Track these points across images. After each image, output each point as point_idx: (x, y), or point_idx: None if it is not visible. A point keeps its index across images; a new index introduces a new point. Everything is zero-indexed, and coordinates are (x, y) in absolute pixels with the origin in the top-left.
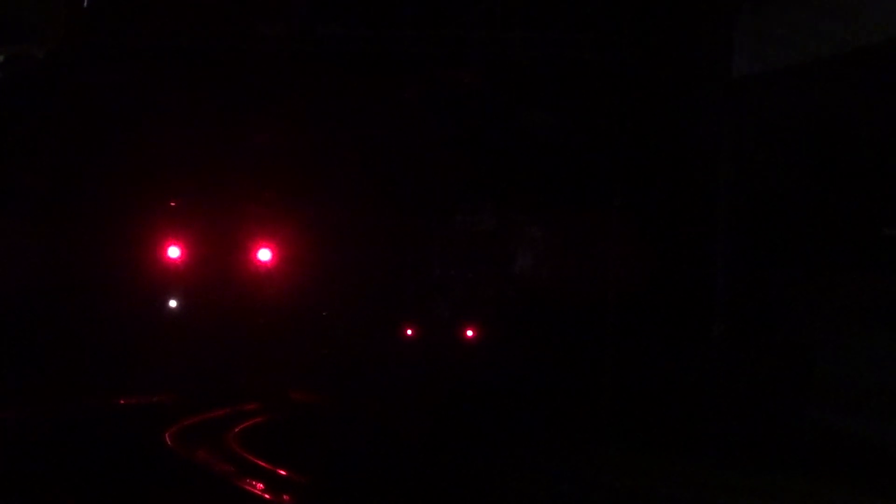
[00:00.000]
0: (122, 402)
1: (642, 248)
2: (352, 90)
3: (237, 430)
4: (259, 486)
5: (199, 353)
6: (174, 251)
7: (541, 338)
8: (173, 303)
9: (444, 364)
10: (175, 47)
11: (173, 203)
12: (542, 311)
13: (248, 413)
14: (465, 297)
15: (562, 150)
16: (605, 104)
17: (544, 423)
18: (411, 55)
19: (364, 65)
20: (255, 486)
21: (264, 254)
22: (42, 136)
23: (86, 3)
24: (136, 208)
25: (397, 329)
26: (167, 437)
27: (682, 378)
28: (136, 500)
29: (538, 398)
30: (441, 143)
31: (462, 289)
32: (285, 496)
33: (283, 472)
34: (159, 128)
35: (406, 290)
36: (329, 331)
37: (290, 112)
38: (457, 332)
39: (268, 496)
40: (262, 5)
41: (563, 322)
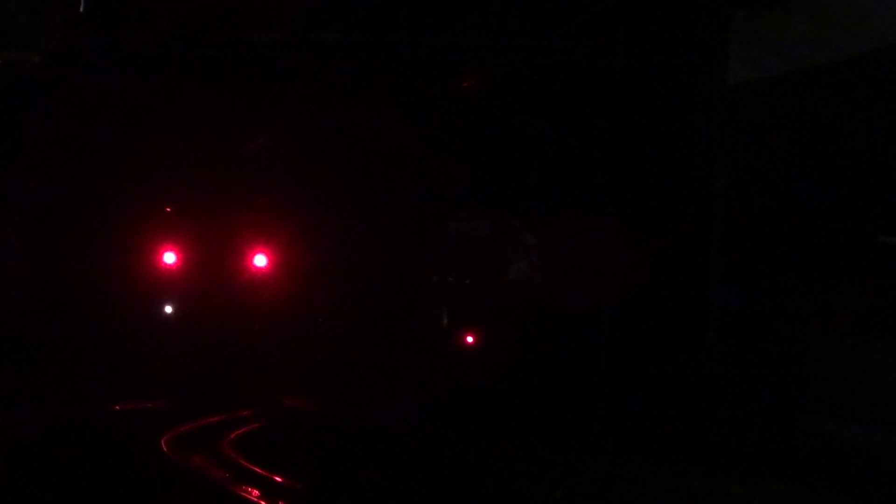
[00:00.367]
0: (116, 407)
1: (637, 255)
2: (347, 96)
3: (233, 436)
4: (255, 493)
5: (194, 358)
6: (170, 257)
7: (536, 344)
8: (169, 308)
9: (440, 370)
10: (170, 53)
11: (169, 209)
12: (537, 318)
13: (244, 419)
14: (464, 303)
15: (557, 156)
16: (600, 111)
17: (539, 429)
18: (406, 61)
19: (359, 71)
20: (250, 493)
21: (260, 259)
22: (37, 142)
23: (82, 9)
24: (131, 214)
25: (394, 335)
26: (162, 443)
27: (677, 384)
28: None
29: (533, 404)
30: (436, 149)
31: (460, 295)
32: (281, 503)
33: (278, 478)
34: (155, 133)
35: (402, 296)
36: (324, 336)
37: (285, 118)
38: (454, 339)
39: (263, 503)
40: (257, 11)
41: (558, 328)
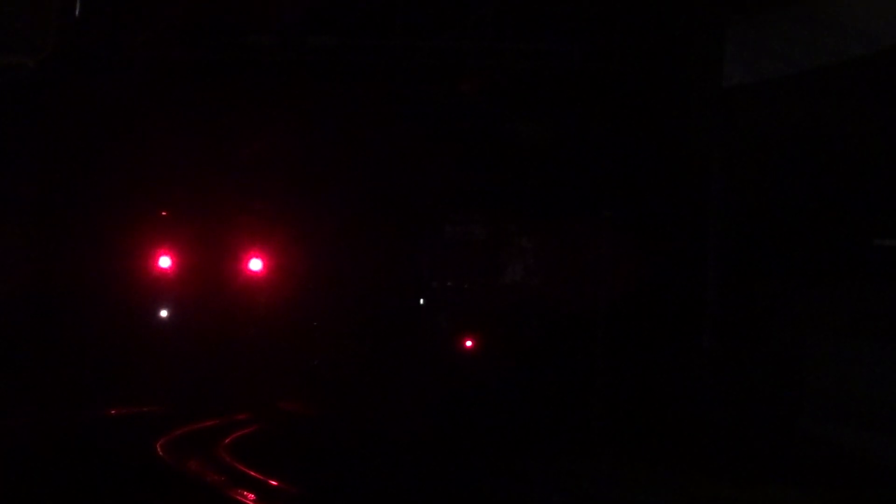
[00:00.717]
0: (112, 412)
1: (633, 259)
2: (343, 100)
3: (228, 440)
4: (251, 497)
5: (190, 362)
6: (165, 261)
7: (533, 348)
8: (164, 312)
9: (437, 373)
10: (166, 57)
11: (164, 213)
12: (534, 321)
13: (240, 423)
14: (460, 306)
15: (553, 160)
16: (596, 114)
17: (536, 433)
18: (403, 65)
19: (356, 75)
20: (246, 497)
21: (255, 263)
22: (33, 146)
23: (77, 13)
24: (127, 218)
25: (391, 339)
26: (158, 447)
27: (673, 389)
28: None
29: (530, 408)
30: (433, 152)
31: (457, 298)
32: None
33: (274, 482)
34: (151, 137)
35: (398, 299)
36: (320, 340)
37: (281, 122)
38: (451, 341)
39: None
40: (253, 15)
41: (556, 331)
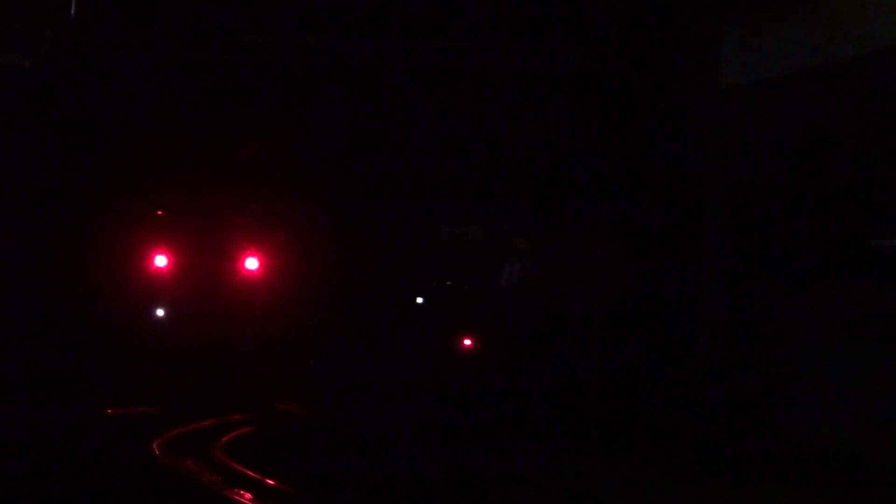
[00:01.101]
0: (109, 412)
1: (629, 259)
2: (340, 100)
3: (225, 440)
4: (247, 497)
5: (186, 362)
6: (161, 260)
7: (530, 348)
8: (160, 312)
9: (432, 375)
10: (163, 58)
11: (160, 212)
12: (530, 322)
13: (236, 423)
14: (456, 307)
15: (549, 161)
16: (592, 115)
17: (532, 433)
18: (399, 66)
19: (352, 75)
20: (243, 497)
21: (251, 263)
22: (29, 147)
23: (73, 13)
24: (123, 218)
25: (388, 339)
26: (155, 447)
27: (669, 389)
28: None
29: (526, 408)
30: (428, 153)
31: (456, 299)
32: None
33: (271, 482)
34: (147, 138)
35: (395, 299)
36: (317, 340)
37: (278, 121)
38: (447, 343)
39: None
40: (249, 16)
41: (552, 332)
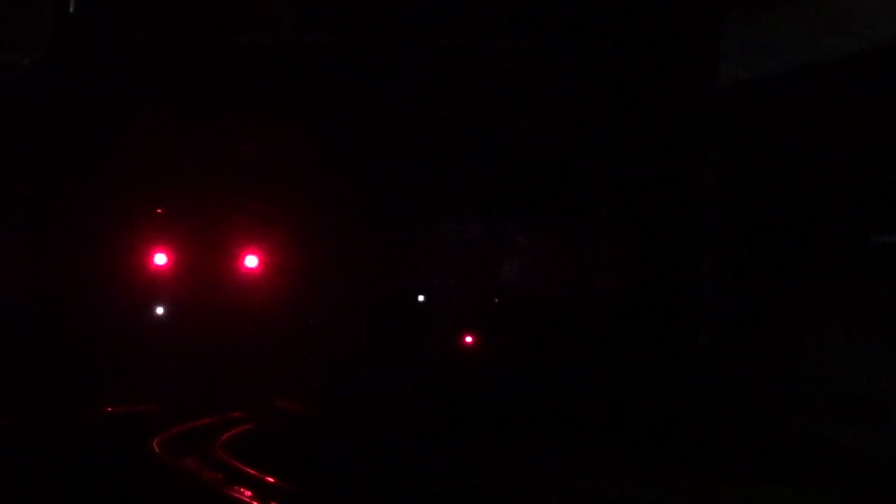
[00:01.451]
0: (109, 410)
1: (629, 257)
2: (338, 98)
3: (225, 438)
4: (247, 494)
5: (185, 360)
6: (161, 258)
7: (530, 345)
8: (160, 310)
9: (436, 372)
10: (161, 56)
11: (160, 210)
12: (531, 319)
13: (236, 421)
14: (456, 305)
15: (548, 158)
16: (591, 113)
17: (533, 430)
18: (398, 63)
19: (351, 73)
20: (242, 494)
21: (251, 261)
22: (28, 145)
23: (72, 10)
24: (122, 216)
25: (387, 336)
26: (155, 445)
27: (669, 387)
28: None
29: (526, 406)
30: (428, 150)
31: (457, 297)
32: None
33: (270, 479)
34: (146, 136)
35: (394, 297)
36: (317, 338)
37: (276, 120)
38: (447, 341)
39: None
40: (248, 14)
41: (552, 329)
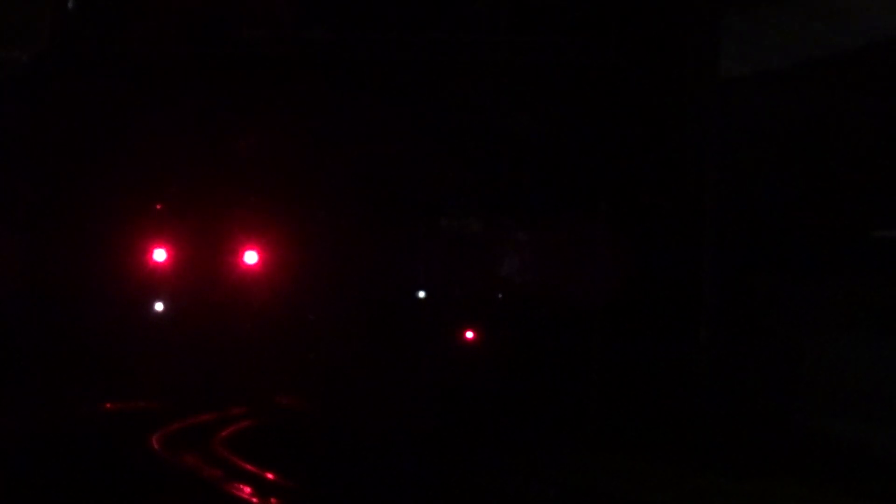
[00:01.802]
0: (108, 406)
1: (629, 252)
2: (337, 94)
3: (224, 434)
4: (246, 491)
5: (185, 357)
6: (160, 254)
7: (530, 341)
8: (159, 306)
9: (437, 368)
10: (160, 51)
11: (159, 206)
12: (530, 315)
13: (235, 417)
14: (461, 301)
15: (548, 153)
16: (591, 108)
17: (533, 426)
18: (397, 59)
19: (350, 68)
20: (242, 491)
21: (251, 257)
22: (26, 141)
23: (70, 6)
24: (121, 212)
25: (388, 333)
26: (154, 441)
27: (670, 382)
28: None
29: (527, 401)
30: (427, 146)
31: (458, 292)
32: (273, 500)
33: (270, 476)
34: (145, 131)
35: (395, 293)
36: (317, 335)
37: (276, 116)
38: (452, 337)
39: (255, 500)
40: (248, 10)
41: (551, 325)
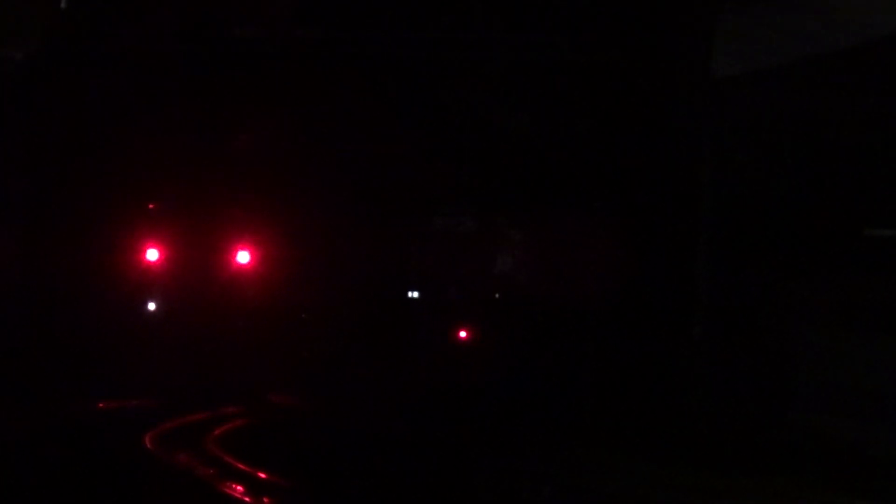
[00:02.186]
0: (100, 405)
1: (623, 249)
2: (331, 93)
3: (218, 433)
4: (240, 490)
5: (178, 355)
6: (153, 253)
7: (523, 339)
8: (152, 305)
9: (432, 367)
10: (154, 50)
11: (152, 206)
12: (523, 313)
13: (229, 416)
14: (453, 299)
15: (542, 151)
16: (585, 106)
17: (527, 423)
18: (391, 58)
19: (343, 67)
20: (235, 490)
21: (243, 256)
22: (19, 139)
23: (63, 5)
24: (114, 211)
25: (382, 331)
26: (147, 440)
27: (664, 379)
28: None
29: (522, 399)
30: (421, 144)
31: (449, 290)
32: (265, 499)
33: (263, 474)
34: (138, 130)
35: (389, 291)
36: (311, 333)
37: (269, 114)
38: (447, 336)
39: (248, 499)
40: (241, 7)
41: (545, 323)
